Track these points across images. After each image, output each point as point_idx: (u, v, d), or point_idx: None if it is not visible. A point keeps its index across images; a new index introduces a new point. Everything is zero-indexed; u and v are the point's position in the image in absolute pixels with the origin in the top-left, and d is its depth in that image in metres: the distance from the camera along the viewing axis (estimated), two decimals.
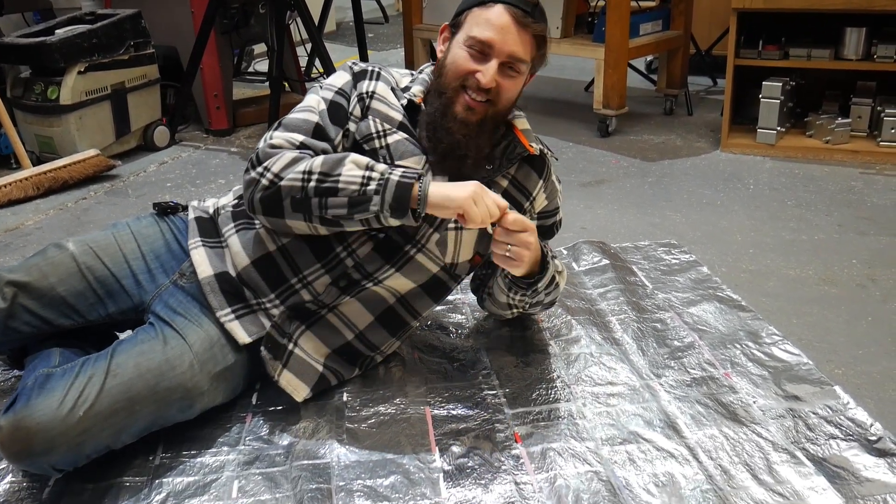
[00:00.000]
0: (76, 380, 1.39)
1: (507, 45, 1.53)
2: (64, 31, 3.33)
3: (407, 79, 1.70)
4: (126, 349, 1.47)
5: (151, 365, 1.45)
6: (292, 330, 1.60)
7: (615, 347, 1.86)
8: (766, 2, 3.18)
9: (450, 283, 1.71)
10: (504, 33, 1.53)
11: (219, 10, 3.64)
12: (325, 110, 1.60)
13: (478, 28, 1.54)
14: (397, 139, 1.59)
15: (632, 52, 3.66)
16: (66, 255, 1.61)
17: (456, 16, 1.61)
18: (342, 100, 1.62)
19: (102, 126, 3.43)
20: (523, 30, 1.54)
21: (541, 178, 1.72)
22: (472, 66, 1.54)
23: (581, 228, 2.66)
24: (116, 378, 1.42)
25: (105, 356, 1.45)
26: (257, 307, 1.59)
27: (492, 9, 1.55)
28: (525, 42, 1.55)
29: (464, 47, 1.56)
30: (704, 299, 2.08)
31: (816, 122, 3.39)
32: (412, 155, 1.59)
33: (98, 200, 3.09)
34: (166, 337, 1.51)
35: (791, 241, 2.53)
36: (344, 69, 1.68)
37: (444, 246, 1.63)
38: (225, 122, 3.92)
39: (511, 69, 1.56)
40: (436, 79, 1.61)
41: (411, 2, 4.30)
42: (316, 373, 1.63)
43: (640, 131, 3.78)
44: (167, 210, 1.76)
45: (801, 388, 1.68)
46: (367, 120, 1.61)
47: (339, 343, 1.65)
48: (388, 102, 1.63)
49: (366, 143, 1.60)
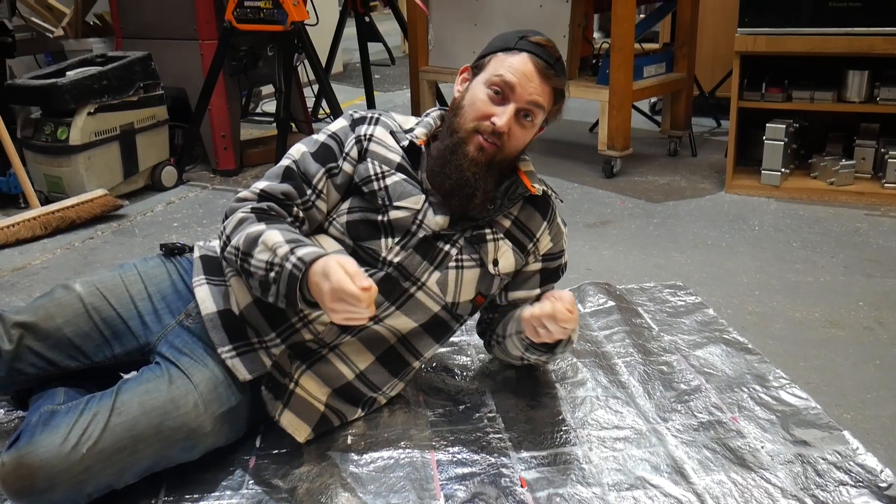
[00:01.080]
0: (80, 417, 1.39)
1: (528, 91, 1.56)
2: (75, 73, 3.37)
3: (412, 122, 1.72)
4: (131, 388, 1.47)
5: (156, 403, 1.45)
6: (293, 369, 1.59)
7: (621, 391, 1.85)
8: (768, 45, 3.21)
9: (452, 323, 1.71)
10: (526, 80, 1.56)
11: (228, 52, 3.69)
12: (308, 153, 1.64)
13: (501, 70, 1.57)
14: (396, 180, 1.61)
15: (636, 94, 3.69)
16: (73, 295, 1.61)
17: (479, 58, 1.64)
18: (332, 142, 1.66)
19: (111, 166, 3.46)
20: (545, 80, 1.58)
21: (545, 220, 1.73)
22: (490, 108, 1.57)
23: (586, 269, 2.66)
24: (121, 416, 1.42)
25: (110, 394, 1.45)
26: (259, 345, 1.59)
27: (517, 55, 1.58)
28: (545, 93, 1.59)
29: (484, 87, 1.58)
30: (711, 342, 2.07)
31: (820, 163, 3.41)
32: (410, 195, 1.61)
33: (105, 240, 3.10)
34: (172, 376, 1.51)
35: (797, 283, 2.53)
36: (344, 116, 1.72)
37: (444, 285, 1.63)
38: (232, 163, 3.95)
39: (526, 117, 1.58)
40: (451, 116, 1.63)
41: (417, 44, 4.35)
42: (317, 413, 1.62)
43: (645, 172, 3.80)
44: (174, 251, 1.77)
45: (810, 433, 1.66)
46: (365, 162, 1.63)
47: (340, 383, 1.64)
48: (386, 145, 1.65)
49: (365, 185, 1.62)
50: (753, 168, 3.51)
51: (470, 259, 1.65)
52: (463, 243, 1.64)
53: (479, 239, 1.65)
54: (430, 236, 1.61)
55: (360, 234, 1.61)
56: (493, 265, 1.66)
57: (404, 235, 1.60)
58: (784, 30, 3.18)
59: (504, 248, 1.67)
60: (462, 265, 1.64)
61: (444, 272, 1.63)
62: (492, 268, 1.66)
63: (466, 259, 1.64)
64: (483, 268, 1.66)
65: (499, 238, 1.67)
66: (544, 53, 1.59)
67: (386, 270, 1.60)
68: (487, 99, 1.58)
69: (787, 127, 3.34)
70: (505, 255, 1.67)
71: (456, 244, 1.63)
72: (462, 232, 1.64)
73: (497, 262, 1.67)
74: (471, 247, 1.65)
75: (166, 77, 3.71)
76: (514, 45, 1.59)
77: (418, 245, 1.60)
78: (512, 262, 1.69)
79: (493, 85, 1.57)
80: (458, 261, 1.63)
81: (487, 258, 1.65)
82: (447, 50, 4.24)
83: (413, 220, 1.60)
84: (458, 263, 1.63)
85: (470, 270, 1.65)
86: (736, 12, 3.26)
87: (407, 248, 1.60)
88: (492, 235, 1.66)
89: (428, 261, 1.61)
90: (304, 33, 3.59)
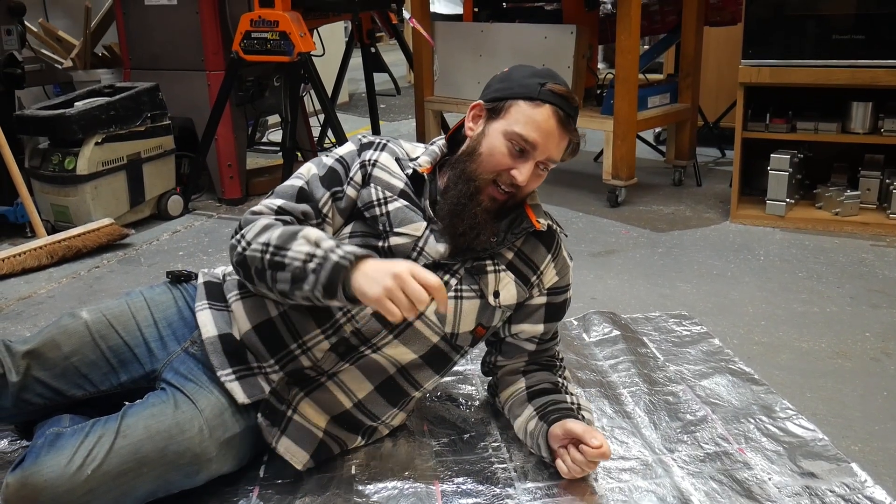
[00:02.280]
0: (86, 439, 1.40)
1: (548, 149, 1.58)
2: (83, 104, 3.41)
3: (419, 150, 1.73)
4: (137, 412, 1.48)
5: (161, 427, 1.46)
6: (291, 396, 1.59)
7: (627, 421, 1.84)
8: (772, 77, 3.24)
9: (452, 354, 1.70)
10: (548, 137, 1.57)
11: (234, 83, 3.73)
12: (318, 175, 1.65)
13: (524, 127, 1.56)
14: (398, 206, 1.62)
15: (640, 125, 3.71)
16: (80, 323, 1.63)
17: (496, 98, 1.61)
18: (339, 166, 1.66)
19: (117, 195, 3.48)
20: (565, 135, 1.59)
21: (549, 253, 1.72)
22: (509, 162, 1.57)
23: (591, 299, 2.66)
24: (126, 438, 1.42)
25: (116, 418, 1.46)
26: (258, 370, 1.59)
27: (541, 108, 1.56)
28: (562, 147, 1.61)
29: (504, 140, 1.57)
30: (717, 372, 2.07)
31: (825, 193, 3.42)
32: (411, 222, 1.61)
33: (111, 269, 3.12)
34: (177, 401, 1.52)
35: (803, 314, 2.52)
36: (353, 141, 1.72)
37: (442, 315, 1.63)
38: (238, 192, 3.98)
39: (543, 168, 1.60)
40: (465, 160, 1.61)
41: (423, 75, 4.40)
42: (316, 439, 1.62)
43: (650, 202, 3.81)
44: (180, 278, 1.78)
45: (818, 465, 1.65)
46: (368, 188, 1.63)
47: (338, 410, 1.64)
48: (391, 171, 1.65)
49: (367, 210, 1.63)
50: (758, 198, 3.52)
51: (470, 290, 1.64)
52: (463, 273, 1.63)
53: (480, 270, 1.64)
54: (430, 265, 1.60)
55: None
56: (494, 297, 1.65)
57: None
58: (788, 62, 3.21)
59: (506, 279, 1.66)
60: (461, 295, 1.63)
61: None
62: (492, 299, 1.65)
63: (466, 290, 1.63)
64: (483, 299, 1.65)
65: (500, 270, 1.66)
66: (566, 106, 1.58)
67: None
68: (507, 152, 1.57)
69: (792, 157, 3.35)
70: (507, 286, 1.66)
71: (456, 274, 1.63)
72: (462, 262, 1.63)
73: (498, 294, 1.66)
74: (471, 277, 1.64)
75: (174, 107, 3.75)
76: (538, 95, 1.57)
77: None
78: (514, 293, 1.68)
79: (515, 141, 1.56)
80: (457, 291, 1.63)
81: (488, 290, 1.65)
82: (452, 80, 4.28)
83: (413, 248, 1.60)
84: (458, 293, 1.63)
85: (469, 301, 1.64)
86: (740, 44, 3.29)
87: None
88: (493, 267, 1.65)
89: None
90: (311, 64, 3.63)
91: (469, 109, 1.67)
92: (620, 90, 3.53)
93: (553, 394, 1.71)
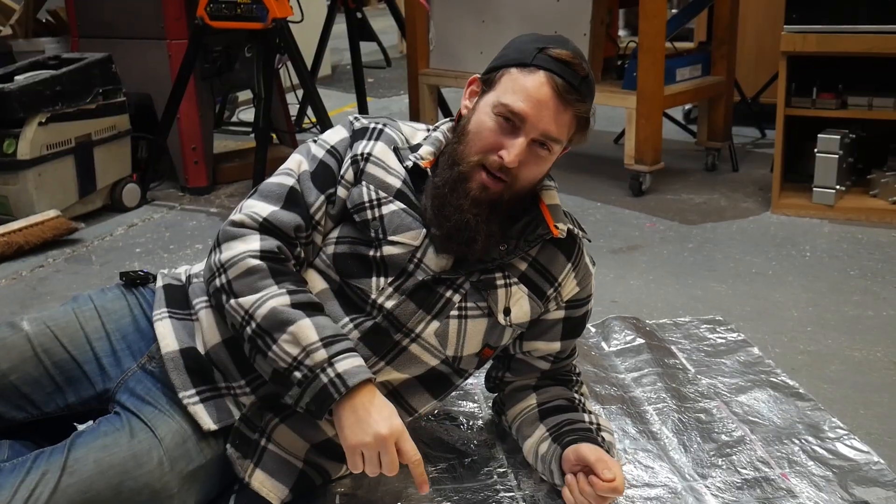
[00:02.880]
0: (27, 476, 1.39)
1: (542, 122, 1.50)
2: (24, 78, 3.40)
3: (421, 134, 1.69)
4: (86, 442, 1.46)
5: (115, 461, 1.45)
6: (264, 422, 1.58)
7: (652, 443, 1.84)
8: (819, 45, 3.23)
9: (454, 377, 1.69)
10: (541, 108, 1.50)
11: (199, 53, 3.73)
12: (309, 171, 1.62)
13: (512, 96, 1.51)
14: (393, 210, 1.59)
15: (667, 101, 3.72)
16: (21, 336, 1.61)
17: (490, 70, 1.58)
18: (332, 160, 1.64)
19: (64, 184, 3.48)
20: (565, 107, 1.51)
21: (569, 262, 1.68)
22: (498, 139, 1.52)
23: (612, 302, 2.67)
24: (74, 476, 1.41)
25: (61, 450, 1.44)
26: (226, 392, 1.58)
27: (533, 75, 1.51)
28: (563, 122, 1.52)
29: (492, 115, 1.53)
30: (756, 386, 2.07)
31: (881, 179, 3.42)
32: (408, 229, 1.58)
33: (57, 268, 3.12)
34: (133, 429, 1.50)
35: (856, 318, 2.53)
36: (344, 124, 1.69)
37: (444, 337, 1.61)
38: (204, 179, 3.98)
39: (542, 147, 1.53)
40: (454, 143, 1.59)
41: (417, 44, 4.39)
42: (295, 471, 1.61)
43: (679, 190, 3.81)
44: (136, 281, 1.76)
45: (872, 493, 1.65)
46: (360, 186, 1.60)
47: (319, 438, 1.63)
48: (386, 166, 1.62)
49: (357, 213, 1.59)
50: (804, 185, 3.52)
51: (476, 307, 1.61)
52: (468, 288, 1.60)
53: (488, 284, 1.61)
54: (430, 280, 1.58)
55: (347, 270, 1.60)
56: (504, 315, 1.63)
57: (399, 275, 1.58)
58: (838, 27, 3.21)
59: (518, 294, 1.63)
60: (466, 314, 1.61)
61: (444, 322, 1.60)
62: (502, 318, 1.63)
63: (471, 307, 1.61)
64: (491, 317, 1.63)
65: (512, 283, 1.63)
66: (567, 73, 1.51)
67: (375, 319, 1.58)
68: (496, 127, 1.52)
69: (843, 138, 3.35)
70: (519, 302, 1.64)
71: (460, 290, 1.60)
72: (468, 276, 1.60)
73: (509, 311, 1.63)
74: (477, 293, 1.61)
75: (129, 82, 3.75)
76: (532, 60, 1.52)
77: (415, 290, 1.58)
78: (527, 310, 1.65)
79: (502, 114, 1.52)
80: (461, 309, 1.60)
81: (497, 307, 1.62)
82: (451, 50, 4.28)
83: (410, 259, 1.58)
84: (462, 312, 1.61)
85: (475, 321, 1.62)
86: (782, 7, 3.29)
87: (401, 291, 1.57)
88: (503, 280, 1.62)
89: (424, 309, 1.58)
90: (288, 31, 3.63)
91: (466, 85, 1.64)
92: (645, 61, 3.53)
93: (569, 412, 1.70)
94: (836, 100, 3.39)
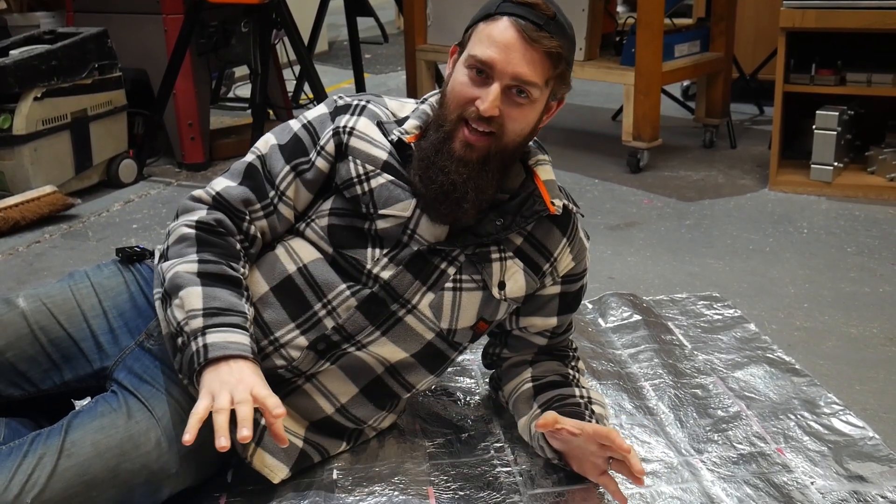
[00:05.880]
0: (24, 460, 1.39)
1: (511, 65, 1.48)
2: (19, 52, 3.38)
3: (409, 107, 1.69)
4: (83, 423, 1.46)
5: (112, 443, 1.44)
6: None
7: (649, 418, 1.85)
8: (818, 20, 3.22)
9: (449, 352, 1.69)
10: (508, 51, 1.48)
11: (195, 28, 3.71)
12: (278, 144, 1.64)
13: (479, 46, 1.50)
14: (381, 182, 1.58)
15: (665, 77, 3.70)
16: (16, 313, 1.60)
17: (464, 33, 1.59)
18: (305, 134, 1.64)
19: (60, 159, 3.47)
20: (532, 46, 1.48)
21: (565, 236, 1.68)
22: (472, 91, 1.51)
23: (608, 278, 2.67)
24: (71, 458, 1.41)
25: (58, 431, 1.44)
26: None
27: (497, 22, 1.50)
28: (534, 61, 1.49)
29: (464, 69, 1.53)
30: (752, 362, 2.08)
31: (879, 156, 3.41)
32: (398, 201, 1.57)
33: (53, 244, 3.11)
34: (130, 409, 1.50)
35: (852, 294, 2.53)
36: (326, 103, 1.69)
37: (438, 309, 1.61)
38: (200, 155, 3.96)
39: (519, 94, 1.51)
40: (439, 108, 1.59)
41: (414, 19, 4.37)
42: (295, 450, 1.61)
43: (676, 167, 3.81)
44: (133, 257, 1.76)
45: (867, 467, 1.66)
46: (347, 162, 1.60)
47: (318, 416, 1.63)
48: (371, 139, 1.61)
49: (346, 189, 1.59)
50: (801, 162, 3.51)
51: (471, 280, 1.61)
52: (463, 261, 1.60)
53: (483, 258, 1.61)
54: (425, 251, 1.58)
55: (342, 241, 1.60)
56: (499, 288, 1.63)
57: (394, 246, 1.58)
58: (837, 2, 3.19)
59: (513, 268, 1.63)
60: (461, 287, 1.61)
61: (439, 294, 1.60)
62: (496, 291, 1.63)
63: (466, 280, 1.61)
64: (486, 291, 1.63)
65: (507, 257, 1.63)
66: (530, 14, 1.48)
67: (371, 289, 1.58)
68: (468, 81, 1.51)
69: (841, 114, 3.35)
70: (513, 276, 1.64)
71: (455, 262, 1.60)
72: (463, 248, 1.60)
73: (503, 285, 1.63)
74: (472, 266, 1.61)
75: (125, 57, 3.73)
76: (495, 10, 1.52)
77: (410, 261, 1.58)
78: (522, 284, 1.65)
79: (472, 66, 1.51)
80: (455, 281, 1.60)
81: (492, 280, 1.62)
82: (449, 25, 4.25)
83: (403, 230, 1.58)
84: (456, 284, 1.61)
85: (470, 293, 1.62)
86: None
87: (397, 262, 1.58)
88: (498, 254, 1.62)
89: (420, 280, 1.59)
90: (284, 7, 3.61)
91: (449, 57, 1.63)
92: (643, 37, 3.52)
93: (561, 387, 1.71)
94: (834, 76, 3.38)
